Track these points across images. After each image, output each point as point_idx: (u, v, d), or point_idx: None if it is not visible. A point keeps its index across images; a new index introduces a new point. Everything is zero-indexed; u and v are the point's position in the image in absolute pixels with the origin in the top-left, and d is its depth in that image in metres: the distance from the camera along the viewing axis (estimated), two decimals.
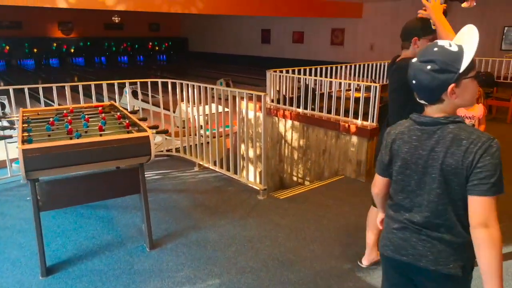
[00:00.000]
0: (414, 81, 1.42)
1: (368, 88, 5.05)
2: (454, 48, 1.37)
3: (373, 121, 4.96)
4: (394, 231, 1.54)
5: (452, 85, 1.36)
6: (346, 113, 5.25)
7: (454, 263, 1.42)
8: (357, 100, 5.20)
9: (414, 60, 1.44)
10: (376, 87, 4.87)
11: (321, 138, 5.50)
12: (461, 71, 1.35)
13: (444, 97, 1.38)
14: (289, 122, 5.93)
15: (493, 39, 13.60)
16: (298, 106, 5.89)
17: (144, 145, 2.93)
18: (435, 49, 1.39)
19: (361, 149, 4.97)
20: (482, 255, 1.32)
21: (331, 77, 7.63)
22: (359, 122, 5.06)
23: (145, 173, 3.21)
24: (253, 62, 21.63)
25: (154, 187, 4.50)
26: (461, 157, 1.32)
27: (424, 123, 1.44)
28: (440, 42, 1.42)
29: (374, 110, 4.91)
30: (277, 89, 6.21)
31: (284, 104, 6.07)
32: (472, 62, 1.37)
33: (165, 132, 3.24)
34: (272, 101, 6.21)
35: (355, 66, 8.18)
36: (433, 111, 1.43)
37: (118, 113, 3.77)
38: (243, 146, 4.52)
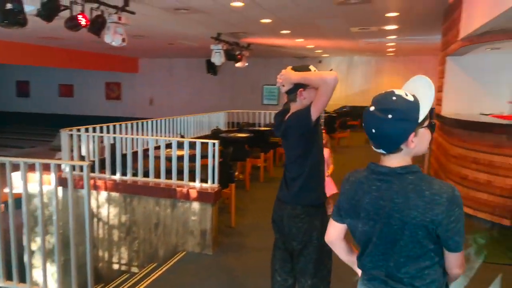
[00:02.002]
0: (374, 130, 1.38)
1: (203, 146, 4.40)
2: (410, 98, 1.37)
3: (214, 182, 4.30)
4: (365, 281, 1.52)
5: (412, 134, 1.35)
6: (180, 176, 4.41)
7: None
8: (189, 159, 4.46)
9: (372, 108, 1.38)
10: (215, 143, 4.28)
11: (151, 210, 4.41)
12: (419, 120, 1.36)
13: (402, 146, 1.37)
14: (104, 194, 4.56)
15: (256, 95, 15.66)
16: (114, 173, 4.63)
17: None
18: (394, 98, 1.37)
19: (205, 217, 4.19)
20: None
21: (140, 134, 6.62)
22: (197, 185, 4.31)
23: None
24: (7, 118, 17.87)
25: None
26: (425, 209, 1.30)
27: (382, 173, 1.40)
28: (396, 91, 1.39)
29: (214, 170, 4.28)
30: (81, 154, 4.76)
31: (93, 171, 4.66)
32: (429, 112, 1.40)
33: None
34: (74, 169, 4.69)
35: (161, 121, 7.44)
36: (389, 160, 1.41)
37: None
38: (26, 237, 3.05)
